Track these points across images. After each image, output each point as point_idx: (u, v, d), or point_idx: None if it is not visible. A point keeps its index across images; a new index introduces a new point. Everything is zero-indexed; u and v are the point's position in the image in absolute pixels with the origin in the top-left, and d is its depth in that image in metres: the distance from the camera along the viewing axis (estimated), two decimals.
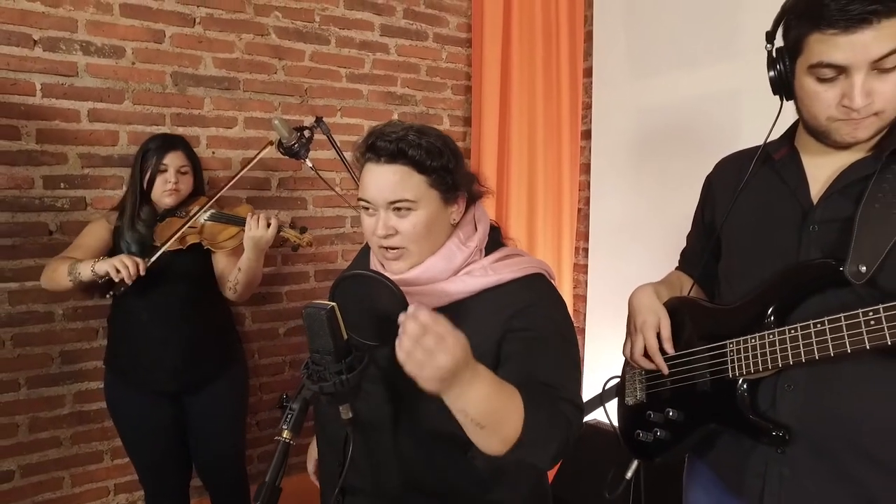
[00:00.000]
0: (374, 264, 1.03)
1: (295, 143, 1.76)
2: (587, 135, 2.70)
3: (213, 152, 2.15)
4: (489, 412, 0.76)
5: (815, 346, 0.85)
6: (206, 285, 1.82)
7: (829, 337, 0.83)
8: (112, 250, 1.74)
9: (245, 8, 2.17)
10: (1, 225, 1.86)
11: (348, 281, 0.89)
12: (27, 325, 1.92)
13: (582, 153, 2.74)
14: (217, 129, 2.16)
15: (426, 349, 0.68)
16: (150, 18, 2.01)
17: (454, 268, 0.95)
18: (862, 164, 0.89)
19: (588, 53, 2.67)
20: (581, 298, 2.75)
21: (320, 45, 2.32)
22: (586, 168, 2.72)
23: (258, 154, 1.82)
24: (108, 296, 1.63)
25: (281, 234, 1.73)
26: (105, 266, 1.53)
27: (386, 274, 0.91)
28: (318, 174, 1.90)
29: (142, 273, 1.55)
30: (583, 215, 2.76)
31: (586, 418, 2.24)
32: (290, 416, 0.77)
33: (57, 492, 2.01)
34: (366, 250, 1.12)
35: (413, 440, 0.93)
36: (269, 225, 1.68)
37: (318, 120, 1.83)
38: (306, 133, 1.80)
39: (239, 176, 1.81)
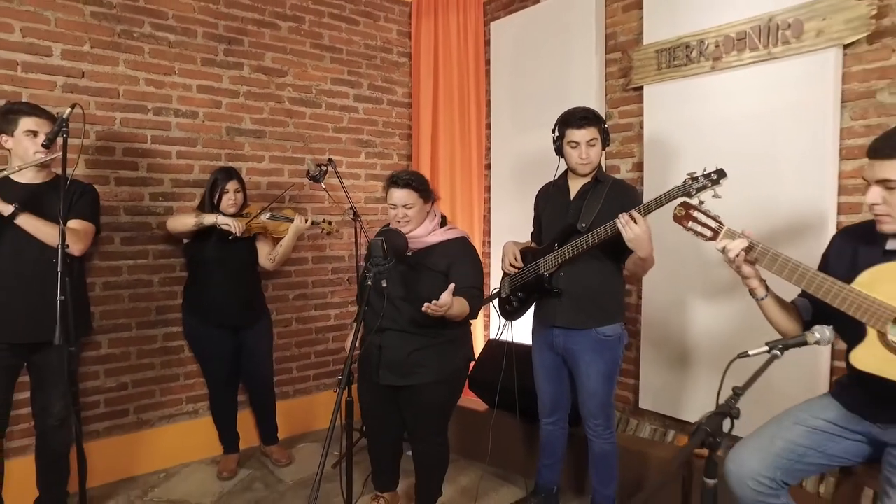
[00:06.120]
0: None
1: (317, 174, 2.98)
2: (488, 167, 4.07)
3: (250, 178, 3.31)
4: (459, 312, 2.10)
5: (567, 254, 2.22)
6: (252, 260, 2.99)
7: (572, 249, 2.20)
8: (198, 232, 2.83)
9: (270, 86, 3.37)
10: (125, 223, 2.93)
11: (384, 232, 2.16)
12: (137, 287, 2.98)
13: (485, 179, 4.10)
14: (252, 163, 3.32)
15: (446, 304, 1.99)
16: (213, 93, 3.17)
17: (429, 230, 2.26)
18: (586, 185, 2.30)
19: (488, 114, 4.05)
20: (487, 276, 4.09)
21: (315, 108, 3.55)
22: (488, 189, 4.08)
23: (290, 181, 3.02)
24: (228, 238, 2.76)
25: (316, 225, 2.96)
26: (227, 220, 2.72)
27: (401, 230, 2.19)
28: (327, 193, 3.13)
29: (243, 230, 2.73)
30: (486, 220, 4.11)
31: (493, 336, 3.59)
32: (380, 275, 2.00)
33: (151, 399, 3.05)
34: (382, 231, 2.38)
35: (413, 301, 2.18)
36: (306, 221, 2.92)
37: (330, 160, 3.05)
38: (322, 168, 3.02)
39: (283, 193, 3.01)
